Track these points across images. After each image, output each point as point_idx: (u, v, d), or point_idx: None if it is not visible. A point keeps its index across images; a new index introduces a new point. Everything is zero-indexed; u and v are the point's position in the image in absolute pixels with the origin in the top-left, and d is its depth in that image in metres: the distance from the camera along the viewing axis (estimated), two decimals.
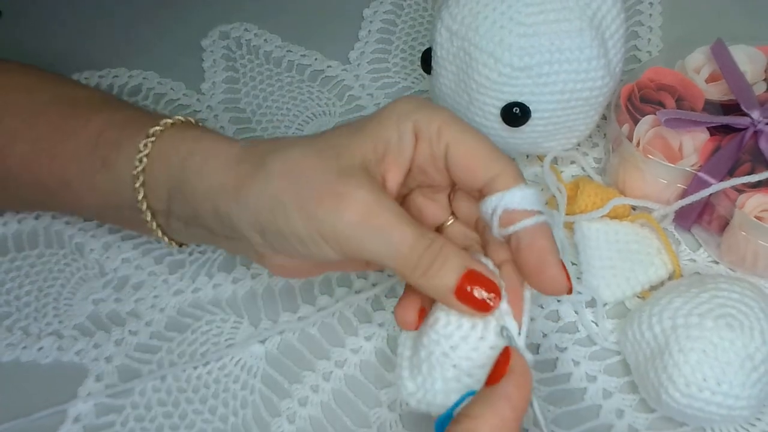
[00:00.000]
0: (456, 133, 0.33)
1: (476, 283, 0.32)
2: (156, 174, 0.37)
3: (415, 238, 0.32)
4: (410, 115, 0.34)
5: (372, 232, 0.32)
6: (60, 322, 0.44)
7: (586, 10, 0.42)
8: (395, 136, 0.34)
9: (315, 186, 0.32)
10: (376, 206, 0.32)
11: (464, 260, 0.32)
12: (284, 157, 0.33)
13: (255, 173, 0.33)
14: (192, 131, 0.37)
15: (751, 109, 0.43)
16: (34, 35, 0.59)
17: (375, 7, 0.59)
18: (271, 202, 0.33)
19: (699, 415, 0.36)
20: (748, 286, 0.38)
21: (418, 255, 0.32)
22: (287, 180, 0.33)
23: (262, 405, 0.40)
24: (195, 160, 0.35)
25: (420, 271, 0.32)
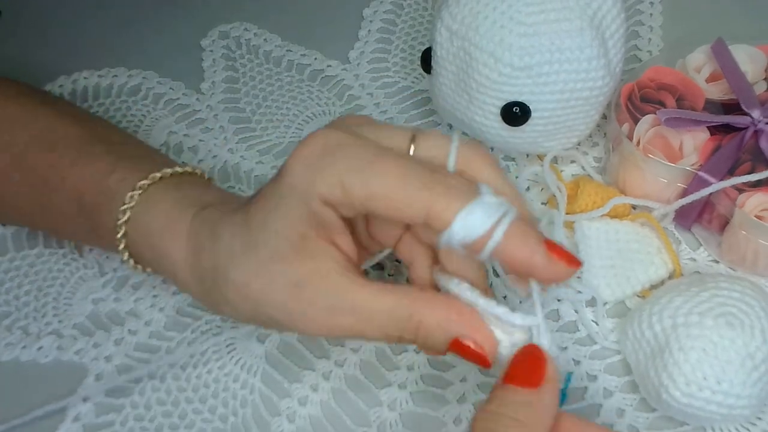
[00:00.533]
0: (362, 186, 0.29)
1: (463, 350, 0.31)
2: (137, 240, 0.37)
3: (390, 321, 0.31)
4: (307, 195, 0.30)
5: (346, 317, 0.31)
6: (59, 322, 0.44)
7: (587, 9, 0.42)
8: (308, 220, 0.31)
9: (280, 308, 0.32)
10: (343, 289, 0.31)
11: (445, 333, 0.31)
12: (233, 284, 0.32)
13: (215, 294, 0.34)
14: (159, 203, 0.37)
15: (751, 109, 0.43)
16: (33, 35, 0.59)
17: (375, 7, 0.59)
18: (246, 317, 0.34)
19: (699, 414, 0.36)
20: (748, 285, 0.38)
21: (399, 334, 0.31)
22: (249, 304, 0.33)
23: (262, 404, 0.40)
24: (161, 246, 0.36)
25: (407, 342, 0.32)
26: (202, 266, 0.34)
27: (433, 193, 0.29)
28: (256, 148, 0.51)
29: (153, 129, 0.52)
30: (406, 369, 0.41)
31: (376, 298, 0.31)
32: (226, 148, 0.51)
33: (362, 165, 0.30)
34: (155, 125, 0.53)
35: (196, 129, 0.52)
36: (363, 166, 0.29)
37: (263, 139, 0.52)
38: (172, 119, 0.53)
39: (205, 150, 0.51)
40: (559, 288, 0.42)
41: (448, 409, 0.39)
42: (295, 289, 0.31)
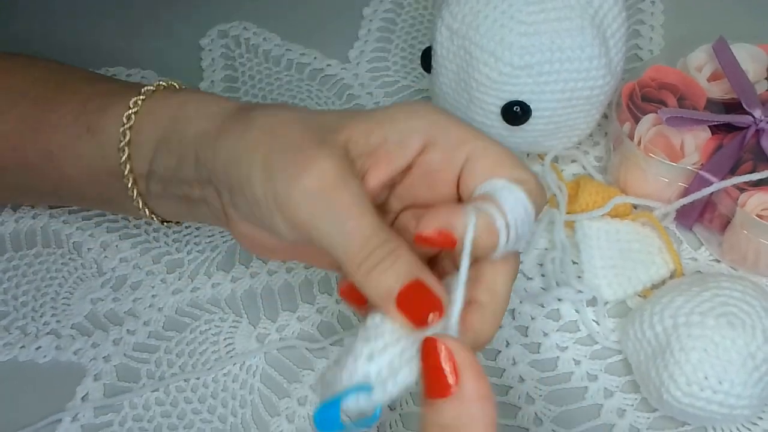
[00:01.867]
0: (479, 143, 0.31)
1: (420, 295, 0.28)
2: (144, 128, 0.36)
3: (371, 231, 0.28)
4: (424, 119, 0.31)
5: (326, 210, 0.29)
6: (58, 322, 0.43)
7: (588, 8, 0.42)
8: (397, 134, 0.31)
9: (286, 144, 0.30)
10: (340, 183, 0.29)
11: (415, 268, 0.28)
12: (270, 114, 0.32)
13: (238, 124, 0.32)
14: (185, 90, 0.37)
15: (752, 108, 0.43)
16: (31, 34, 0.59)
17: (375, 6, 0.59)
18: (242, 154, 0.31)
19: (700, 415, 0.36)
20: (749, 285, 0.38)
21: (369, 251, 0.28)
22: (263, 134, 0.31)
23: (261, 404, 0.40)
24: (187, 109, 0.35)
25: (365, 269, 0.28)
26: (246, 110, 0.32)
27: (532, 176, 0.30)
28: None
29: None
30: None
31: (369, 210, 0.29)
32: None
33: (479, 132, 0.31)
34: None
35: None
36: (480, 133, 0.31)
37: None
38: None
39: None
40: (560, 288, 0.42)
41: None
42: (323, 144, 0.30)
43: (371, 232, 0.29)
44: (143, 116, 0.36)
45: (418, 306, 0.28)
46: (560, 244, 0.43)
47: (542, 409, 0.39)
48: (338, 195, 0.29)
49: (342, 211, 0.29)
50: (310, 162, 0.29)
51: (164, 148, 0.35)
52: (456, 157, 0.31)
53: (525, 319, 0.42)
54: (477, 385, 0.25)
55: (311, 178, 0.29)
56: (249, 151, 0.31)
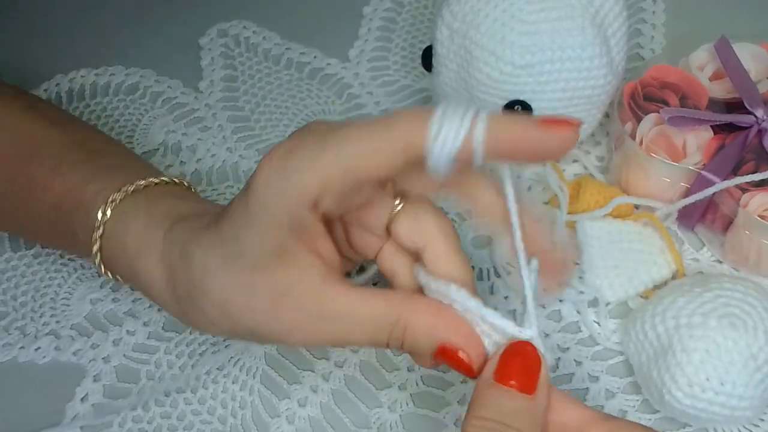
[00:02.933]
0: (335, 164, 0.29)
1: (450, 358, 0.30)
2: (112, 255, 0.36)
3: (376, 326, 0.30)
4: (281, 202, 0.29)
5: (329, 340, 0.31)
6: (57, 322, 0.43)
7: (589, 7, 0.42)
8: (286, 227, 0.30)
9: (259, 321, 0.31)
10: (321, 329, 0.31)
11: (431, 338, 0.30)
12: (211, 299, 0.31)
13: (192, 311, 0.33)
14: (131, 221, 0.36)
15: (755, 108, 0.43)
16: (30, 33, 0.59)
17: (375, 5, 0.59)
18: (225, 332, 0.33)
19: (702, 416, 0.36)
20: (751, 286, 0.38)
21: (385, 339, 0.30)
22: (226, 319, 0.32)
23: (262, 406, 0.40)
24: (136, 266, 0.35)
25: (393, 348, 0.31)
26: (178, 285, 0.33)
27: (400, 123, 0.28)
28: (254, 147, 0.51)
29: (151, 128, 0.52)
30: (406, 370, 0.40)
31: (362, 303, 0.30)
32: (224, 147, 0.51)
33: (324, 146, 0.28)
34: (153, 124, 0.52)
35: (195, 128, 0.52)
36: (326, 147, 0.28)
37: (262, 138, 0.52)
38: (170, 118, 0.53)
39: (203, 149, 0.51)
40: None
41: (449, 410, 0.39)
42: (279, 298, 0.30)
43: (374, 329, 0.30)
44: (106, 255, 0.37)
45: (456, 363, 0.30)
46: (560, 244, 0.43)
47: None
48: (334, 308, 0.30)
49: (344, 319, 0.30)
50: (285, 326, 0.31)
51: (135, 282, 0.36)
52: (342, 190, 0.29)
53: None
54: (546, 403, 0.29)
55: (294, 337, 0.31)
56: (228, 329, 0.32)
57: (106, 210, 0.36)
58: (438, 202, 0.33)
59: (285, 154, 0.29)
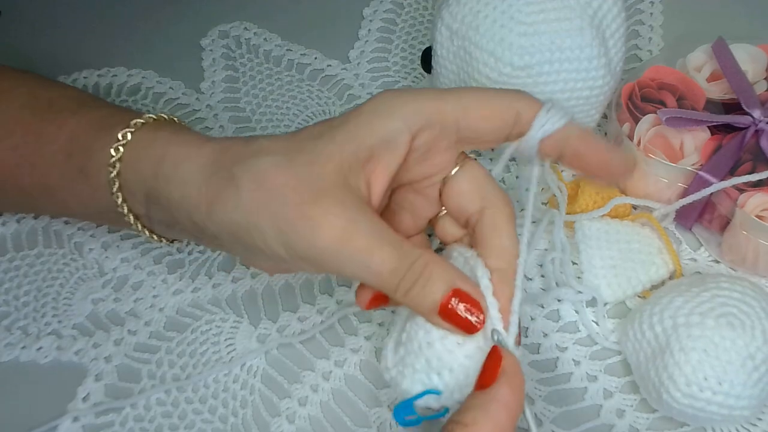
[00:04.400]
0: (456, 104, 0.32)
1: (461, 303, 0.31)
2: (131, 180, 0.36)
3: (396, 259, 0.30)
4: (400, 116, 0.32)
5: (348, 257, 0.30)
6: (59, 322, 0.43)
7: (587, 9, 0.42)
8: (382, 142, 0.32)
9: (287, 208, 0.30)
10: (352, 229, 0.30)
11: (449, 279, 0.31)
12: (254, 171, 0.31)
13: (225, 189, 0.32)
14: (162, 132, 0.36)
15: (752, 108, 0.43)
16: (32, 34, 0.59)
17: (375, 6, 0.59)
18: (246, 223, 0.31)
19: (700, 415, 0.36)
20: (749, 286, 0.38)
21: (399, 277, 0.30)
22: (258, 199, 0.31)
23: (262, 405, 0.40)
24: (166, 167, 0.34)
25: (402, 292, 0.31)
26: (222, 162, 0.32)
27: (517, 95, 0.33)
28: None
29: None
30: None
31: (388, 241, 0.31)
32: None
33: (443, 94, 0.33)
34: None
35: (196, 128, 0.52)
36: (444, 93, 0.33)
37: None
38: None
39: None
40: (560, 288, 0.42)
41: None
42: (319, 192, 0.30)
43: (395, 261, 0.31)
44: (127, 166, 0.36)
45: (461, 313, 0.31)
46: (560, 244, 0.43)
47: (542, 409, 0.39)
48: (354, 242, 0.30)
49: (362, 254, 0.30)
50: (317, 224, 0.30)
51: (155, 205, 0.35)
52: (445, 130, 0.33)
53: (525, 319, 0.42)
54: (506, 393, 0.29)
55: (324, 238, 0.30)
56: (252, 219, 0.31)
57: (126, 133, 0.36)
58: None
59: (412, 89, 0.33)
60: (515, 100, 0.33)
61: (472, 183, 0.34)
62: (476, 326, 0.31)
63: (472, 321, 0.31)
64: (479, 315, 0.31)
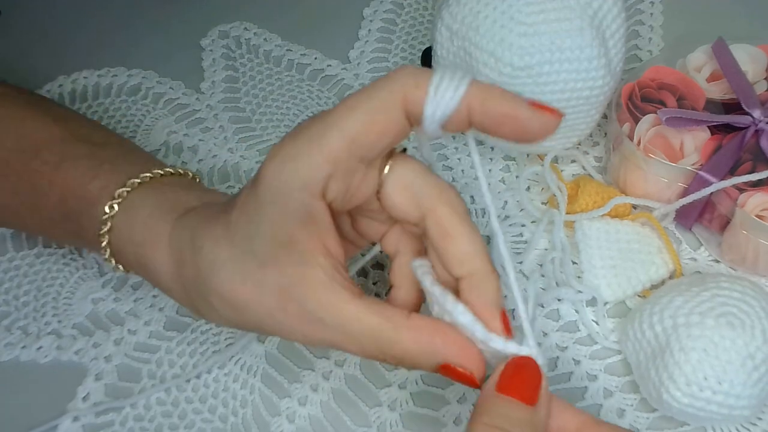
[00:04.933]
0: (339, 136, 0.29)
1: (452, 374, 0.30)
2: (120, 246, 0.36)
3: (374, 343, 0.30)
4: (292, 190, 0.29)
5: (328, 345, 0.31)
6: (59, 322, 0.43)
7: (587, 9, 0.42)
8: (294, 218, 0.30)
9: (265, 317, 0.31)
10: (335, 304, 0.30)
11: (431, 359, 0.30)
12: (218, 293, 0.31)
13: (202, 305, 0.33)
14: (138, 214, 0.36)
15: (752, 108, 0.43)
16: (33, 34, 0.59)
17: (375, 6, 0.59)
18: (231, 323, 0.33)
19: (700, 415, 0.36)
20: (749, 285, 0.38)
21: (383, 357, 0.30)
22: (234, 313, 0.32)
23: (262, 404, 0.40)
24: (146, 261, 0.35)
25: (394, 361, 0.30)
26: (185, 276, 0.33)
27: (397, 81, 0.28)
28: (256, 147, 0.51)
29: (153, 129, 0.52)
30: (406, 369, 0.41)
31: (361, 318, 0.30)
32: (225, 147, 0.51)
33: (325, 124, 0.29)
34: (155, 125, 0.53)
35: (196, 129, 0.52)
36: (326, 124, 0.29)
37: (263, 138, 0.52)
38: (171, 119, 0.53)
39: (204, 150, 0.51)
40: (559, 288, 0.42)
41: (449, 409, 0.39)
42: (284, 295, 0.30)
43: (372, 341, 0.30)
44: (115, 247, 0.36)
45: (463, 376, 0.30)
46: (560, 244, 0.43)
47: None
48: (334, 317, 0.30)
49: (343, 331, 0.30)
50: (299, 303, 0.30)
51: (143, 272, 0.36)
52: (349, 167, 0.30)
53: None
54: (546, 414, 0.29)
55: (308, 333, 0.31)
56: (235, 322, 0.32)
57: (113, 205, 0.36)
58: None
59: (291, 142, 0.30)
60: (397, 89, 0.28)
61: (403, 191, 0.31)
62: (477, 382, 0.30)
63: (472, 377, 0.30)
64: (472, 376, 0.30)
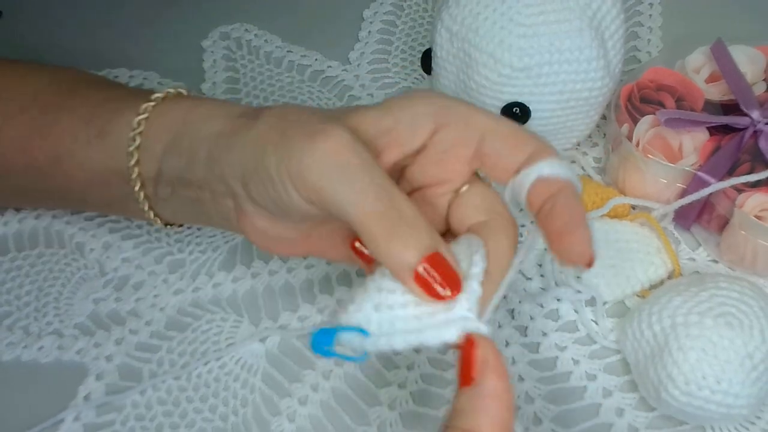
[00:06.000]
0: (490, 120, 0.32)
1: (437, 270, 0.29)
2: (154, 131, 0.36)
3: (387, 191, 0.29)
4: (432, 104, 0.32)
5: (340, 172, 0.29)
6: (60, 322, 0.44)
7: (586, 10, 0.42)
8: (408, 118, 0.32)
9: (296, 124, 0.31)
10: (350, 147, 0.29)
11: (435, 240, 0.29)
12: (279, 110, 0.33)
13: (250, 120, 0.33)
14: (194, 96, 0.38)
15: (750, 109, 0.43)
16: (34, 35, 0.59)
17: (375, 8, 0.59)
18: (255, 146, 0.32)
19: (698, 414, 0.36)
20: (747, 285, 0.38)
21: (385, 211, 0.29)
22: (274, 126, 0.32)
23: (263, 404, 0.40)
24: (199, 111, 0.35)
25: (384, 233, 0.29)
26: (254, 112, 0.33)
27: (544, 141, 0.32)
28: None
29: None
30: (405, 368, 0.41)
31: (382, 173, 0.30)
32: None
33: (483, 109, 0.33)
34: None
35: None
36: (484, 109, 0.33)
37: None
38: None
39: None
40: (559, 288, 0.42)
41: (449, 408, 0.39)
42: (329, 120, 0.31)
43: (386, 192, 0.29)
44: (153, 120, 0.37)
45: (435, 281, 0.29)
46: None
47: (541, 408, 0.39)
48: (348, 157, 0.29)
49: (356, 170, 0.29)
50: (321, 132, 0.30)
51: (174, 150, 0.36)
52: (470, 135, 0.32)
53: (524, 318, 0.42)
54: (495, 384, 0.28)
55: (322, 144, 0.29)
56: (261, 139, 0.32)
57: (147, 106, 0.37)
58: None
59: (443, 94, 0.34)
60: (534, 139, 0.32)
61: (482, 198, 0.34)
62: (443, 298, 0.29)
63: (440, 292, 0.29)
64: (450, 291, 0.29)
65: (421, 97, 0.33)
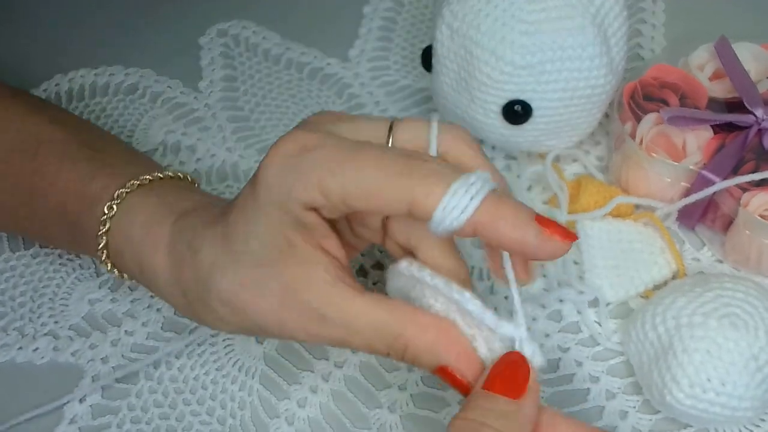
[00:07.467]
0: (339, 186, 0.29)
1: (448, 378, 0.30)
2: (117, 247, 0.37)
3: (378, 337, 0.30)
4: (286, 201, 0.30)
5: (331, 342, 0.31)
6: (56, 323, 0.43)
7: (589, 7, 0.42)
8: (295, 222, 0.30)
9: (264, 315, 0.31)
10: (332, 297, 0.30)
11: (433, 358, 0.30)
12: (220, 295, 0.32)
13: (203, 309, 0.33)
14: (138, 212, 0.36)
15: (755, 107, 0.43)
16: (29, 33, 0.59)
17: (375, 5, 0.59)
18: (231, 327, 0.33)
19: (703, 416, 0.36)
20: (752, 286, 0.38)
21: (386, 351, 0.30)
22: (234, 315, 0.32)
23: (261, 406, 0.40)
24: (144, 265, 0.35)
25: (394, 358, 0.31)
26: (184, 279, 0.33)
27: (412, 180, 0.28)
28: (254, 146, 0.51)
29: (150, 128, 0.52)
30: (406, 370, 0.40)
31: (366, 312, 0.30)
32: (224, 147, 0.51)
33: (337, 164, 0.29)
34: (152, 124, 0.52)
35: (194, 128, 0.52)
36: (338, 166, 0.29)
37: (262, 137, 0.52)
38: (169, 118, 0.53)
39: (203, 149, 0.51)
40: (561, 288, 0.42)
41: (449, 411, 0.39)
42: (286, 294, 0.30)
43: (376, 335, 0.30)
44: (112, 248, 0.37)
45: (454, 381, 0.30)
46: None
47: None
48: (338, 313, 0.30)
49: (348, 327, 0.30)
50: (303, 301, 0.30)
51: (140, 277, 0.36)
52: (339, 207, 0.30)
53: (526, 320, 0.42)
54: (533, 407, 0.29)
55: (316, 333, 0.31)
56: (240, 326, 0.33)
57: (111, 205, 0.36)
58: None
59: (301, 152, 0.29)
60: (407, 192, 0.28)
61: (403, 222, 0.33)
62: (468, 389, 0.30)
63: (464, 385, 0.30)
64: (466, 382, 0.30)
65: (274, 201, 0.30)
